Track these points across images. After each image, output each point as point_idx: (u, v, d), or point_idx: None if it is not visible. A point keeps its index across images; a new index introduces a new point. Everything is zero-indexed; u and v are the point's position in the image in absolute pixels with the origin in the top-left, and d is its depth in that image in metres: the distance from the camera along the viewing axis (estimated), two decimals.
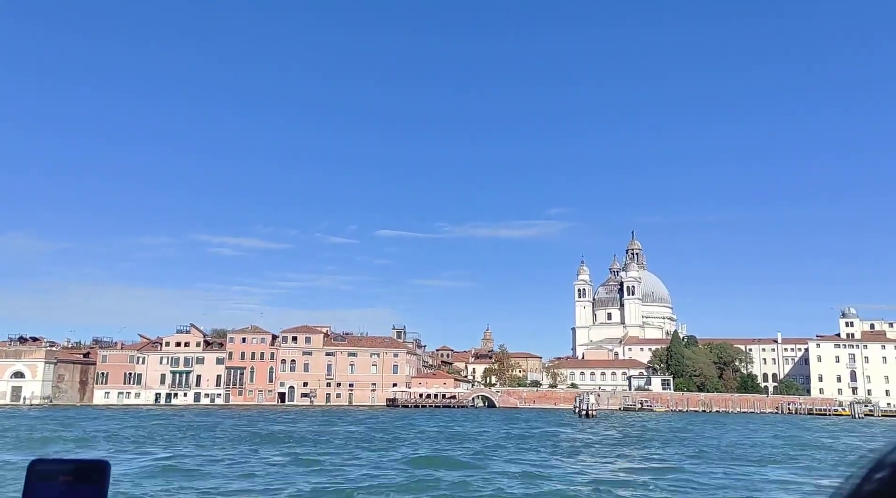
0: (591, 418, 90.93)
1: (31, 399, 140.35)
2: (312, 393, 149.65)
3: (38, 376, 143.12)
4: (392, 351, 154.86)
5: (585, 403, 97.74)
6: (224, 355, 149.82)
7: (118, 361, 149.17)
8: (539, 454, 45.67)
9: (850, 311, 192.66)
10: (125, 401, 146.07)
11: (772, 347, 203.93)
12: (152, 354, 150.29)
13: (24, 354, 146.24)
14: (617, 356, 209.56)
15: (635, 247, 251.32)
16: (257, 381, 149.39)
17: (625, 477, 34.67)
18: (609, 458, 44.84)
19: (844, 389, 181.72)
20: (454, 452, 45.84)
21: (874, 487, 1.01)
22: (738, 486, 31.82)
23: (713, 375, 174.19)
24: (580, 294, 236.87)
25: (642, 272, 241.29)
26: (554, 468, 37.75)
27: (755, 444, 59.71)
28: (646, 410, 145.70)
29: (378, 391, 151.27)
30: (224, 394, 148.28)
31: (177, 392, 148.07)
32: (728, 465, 40.99)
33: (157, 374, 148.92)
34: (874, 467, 1.03)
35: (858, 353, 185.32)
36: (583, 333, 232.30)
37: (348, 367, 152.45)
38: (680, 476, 34.67)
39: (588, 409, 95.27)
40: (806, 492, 29.24)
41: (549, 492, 29.19)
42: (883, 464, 1.03)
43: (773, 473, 37.67)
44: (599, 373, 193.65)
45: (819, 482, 33.05)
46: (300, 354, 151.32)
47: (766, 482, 33.56)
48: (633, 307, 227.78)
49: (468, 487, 29.96)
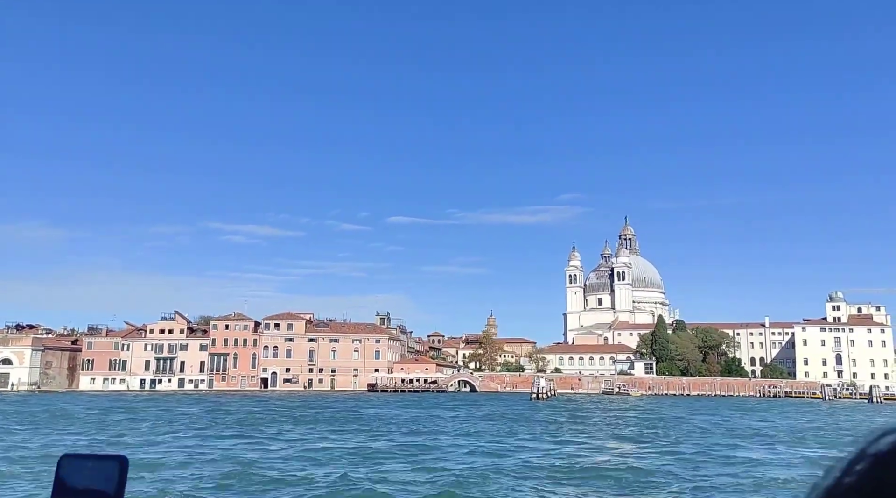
0: (541, 401, 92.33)
1: (17, 385, 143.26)
2: (294, 378, 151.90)
3: (24, 363, 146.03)
4: (374, 337, 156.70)
5: (537, 387, 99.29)
6: (207, 342, 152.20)
7: (103, 348, 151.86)
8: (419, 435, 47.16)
9: (838, 295, 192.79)
10: (110, 387, 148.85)
11: (759, 331, 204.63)
12: (137, 341, 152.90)
13: (12, 341, 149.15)
14: (607, 341, 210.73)
15: (628, 232, 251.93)
16: (240, 367, 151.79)
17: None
18: (481, 435, 46.35)
19: (830, 372, 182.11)
20: (345, 433, 47.33)
21: (855, 478, 1.01)
22: (539, 463, 32.51)
23: (696, 359, 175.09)
24: (571, 280, 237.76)
25: (634, 258, 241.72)
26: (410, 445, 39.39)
27: (673, 425, 60.93)
28: (622, 394, 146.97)
29: (360, 377, 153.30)
30: (208, 380, 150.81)
31: (161, 378, 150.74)
32: (577, 445, 41.82)
33: (142, 360, 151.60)
34: (855, 459, 1.03)
35: (844, 336, 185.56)
36: (573, 318, 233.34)
37: (330, 353, 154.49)
38: (511, 452, 35.93)
39: (539, 392, 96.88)
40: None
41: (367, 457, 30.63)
42: (863, 455, 1.02)
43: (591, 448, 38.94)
44: (588, 358, 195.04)
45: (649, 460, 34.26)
46: (282, 340, 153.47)
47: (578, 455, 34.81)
48: (623, 293, 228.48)
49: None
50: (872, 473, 1.00)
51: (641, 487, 25.24)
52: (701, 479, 27.26)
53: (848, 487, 1.01)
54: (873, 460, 1.01)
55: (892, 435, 1.04)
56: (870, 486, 0.99)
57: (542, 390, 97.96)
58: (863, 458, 1.03)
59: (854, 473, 1.02)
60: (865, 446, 1.04)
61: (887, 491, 0.97)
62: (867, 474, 1.00)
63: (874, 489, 0.98)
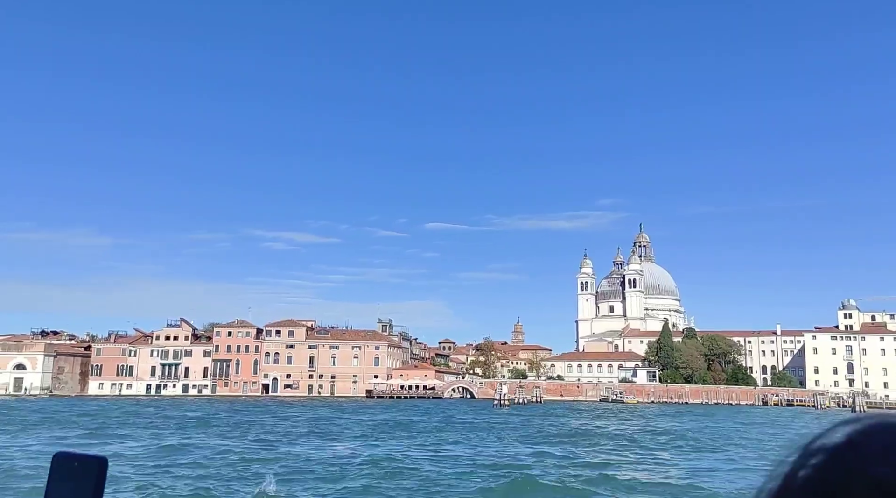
0: (502, 407, 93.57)
1: (31, 390, 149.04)
2: (295, 384, 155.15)
3: (37, 368, 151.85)
4: (373, 344, 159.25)
5: (498, 394, 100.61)
6: (211, 348, 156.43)
7: (111, 353, 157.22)
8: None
9: (850, 302, 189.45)
10: (118, 391, 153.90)
11: (772, 339, 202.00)
12: (143, 347, 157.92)
13: (25, 347, 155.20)
14: (617, 349, 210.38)
15: (643, 239, 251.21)
16: (242, 373, 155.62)
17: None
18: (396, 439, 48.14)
19: (841, 380, 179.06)
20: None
21: (810, 473, 1.01)
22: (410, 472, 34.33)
23: (701, 367, 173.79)
24: (583, 287, 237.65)
25: (649, 265, 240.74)
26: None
27: (583, 433, 61.86)
28: (618, 401, 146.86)
29: (359, 383, 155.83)
30: (210, 385, 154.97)
31: (166, 383, 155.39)
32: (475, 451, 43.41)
33: (148, 366, 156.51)
34: (807, 453, 1.03)
35: (856, 345, 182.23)
36: (585, 325, 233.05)
37: (330, 359, 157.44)
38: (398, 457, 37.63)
39: (500, 399, 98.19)
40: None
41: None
42: (817, 449, 1.03)
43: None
44: (596, 365, 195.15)
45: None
46: (283, 346, 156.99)
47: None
48: (634, 300, 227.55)
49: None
50: (827, 467, 0.99)
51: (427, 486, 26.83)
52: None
53: (804, 480, 1.00)
54: (828, 454, 1.00)
55: (844, 428, 1.03)
56: (825, 479, 0.98)
57: (504, 397, 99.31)
58: (816, 452, 1.02)
59: (809, 466, 1.01)
60: (816, 441, 1.03)
61: (842, 484, 0.96)
62: (822, 468, 0.99)
63: (829, 483, 0.97)
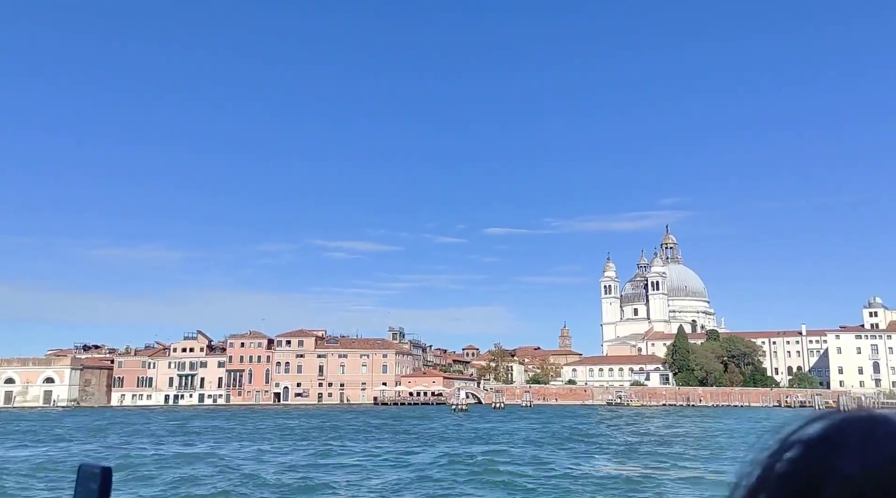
0: (460, 413, 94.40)
1: (58, 401, 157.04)
2: (305, 392, 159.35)
3: (65, 381, 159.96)
4: (381, 352, 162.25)
5: (456, 398, 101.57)
6: (225, 359, 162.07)
7: (132, 366, 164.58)
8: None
9: (876, 300, 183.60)
10: (138, 402, 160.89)
11: (797, 339, 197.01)
12: (161, 359, 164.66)
13: (54, 361, 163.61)
14: (640, 352, 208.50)
15: (669, 241, 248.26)
16: (255, 382, 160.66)
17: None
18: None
19: (867, 381, 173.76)
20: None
21: (786, 466, 1.03)
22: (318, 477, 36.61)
23: (716, 369, 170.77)
24: (606, 290, 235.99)
25: (676, 266, 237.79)
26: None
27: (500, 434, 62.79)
28: (623, 405, 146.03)
29: (368, 390, 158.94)
30: (225, 394, 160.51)
31: (183, 394, 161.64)
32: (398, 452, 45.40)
33: (166, 377, 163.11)
34: (783, 447, 1.05)
35: (882, 344, 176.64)
36: (609, 329, 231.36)
37: (339, 367, 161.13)
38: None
39: (459, 404, 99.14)
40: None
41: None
42: (792, 442, 1.05)
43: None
44: (618, 369, 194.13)
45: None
46: (294, 356, 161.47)
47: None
48: (657, 302, 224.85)
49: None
50: (803, 460, 1.01)
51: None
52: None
53: (780, 474, 1.02)
54: (804, 447, 1.03)
55: (820, 421, 1.05)
56: (801, 472, 1.01)
57: (462, 402, 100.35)
58: (792, 445, 1.04)
59: (784, 460, 1.03)
60: (791, 434, 1.06)
61: (818, 477, 0.98)
62: (798, 461, 1.02)
63: (805, 476, 1.00)
